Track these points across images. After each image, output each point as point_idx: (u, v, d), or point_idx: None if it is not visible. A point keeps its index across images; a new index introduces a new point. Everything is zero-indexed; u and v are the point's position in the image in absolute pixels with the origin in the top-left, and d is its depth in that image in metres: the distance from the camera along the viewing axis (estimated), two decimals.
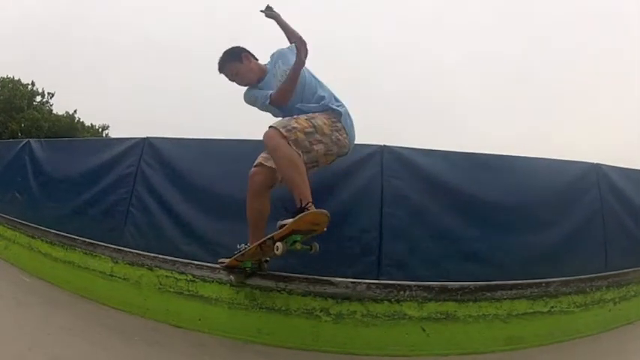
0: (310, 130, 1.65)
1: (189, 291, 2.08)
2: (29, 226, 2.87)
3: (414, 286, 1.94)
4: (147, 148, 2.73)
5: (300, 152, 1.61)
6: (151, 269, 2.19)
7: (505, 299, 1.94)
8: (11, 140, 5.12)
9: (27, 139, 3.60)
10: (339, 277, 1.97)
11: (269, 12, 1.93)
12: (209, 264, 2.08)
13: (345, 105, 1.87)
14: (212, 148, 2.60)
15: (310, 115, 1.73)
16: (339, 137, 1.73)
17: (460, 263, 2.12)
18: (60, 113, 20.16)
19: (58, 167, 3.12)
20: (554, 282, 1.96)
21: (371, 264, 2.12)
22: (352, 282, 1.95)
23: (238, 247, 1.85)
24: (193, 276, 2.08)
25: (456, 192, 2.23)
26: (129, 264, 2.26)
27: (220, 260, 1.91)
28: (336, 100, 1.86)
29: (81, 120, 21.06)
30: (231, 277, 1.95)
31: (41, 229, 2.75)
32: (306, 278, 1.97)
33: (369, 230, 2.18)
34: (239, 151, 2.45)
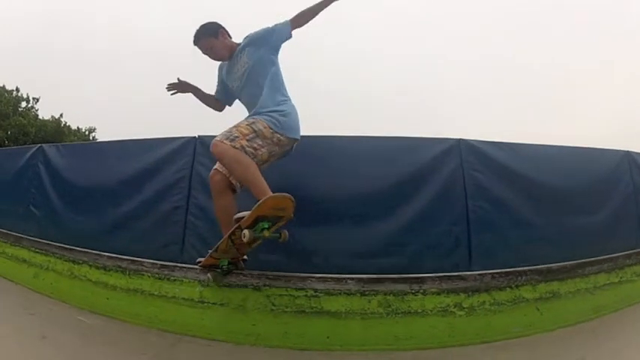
0: (252, 135, 1.70)
1: (311, 308, 1.88)
2: (69, 248, 2.27)
3: (528, 270, 2.10)
4: (200, 148, 2.40)
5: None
6: (258, 289, 1.92)
7: (591, 274, 2.24)
8: (20, 147, 4.46)
9: (39, 145, 2.91)
10: (432, 272, 2.00)
11: None
12: (332, 275, 1.92)
13: (290, 100, 1.91)
14: None
15: (251, 119, 1.76)
16: (281, 137, 1.77)
17: (537, 247, 2.32)
18: (46, 118, 19.91)
19: (84, 175, 2.55)
20: (620, 256, 2.34)
21: (463, 255, 2.21)
22: (479, 274, 2.03)
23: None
24: (315, 290, 1.90)
25: (524, 180, 2.41)
26: (225, 286, 1.94)
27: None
28: (282, 97, 1.88)
29: (67, 124, 20.77)
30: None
31: (88, 252, 2.23)
32: (439, 277, 1.97)
33: (458, 222, 2.27)
34: (325, 147, 2.34)
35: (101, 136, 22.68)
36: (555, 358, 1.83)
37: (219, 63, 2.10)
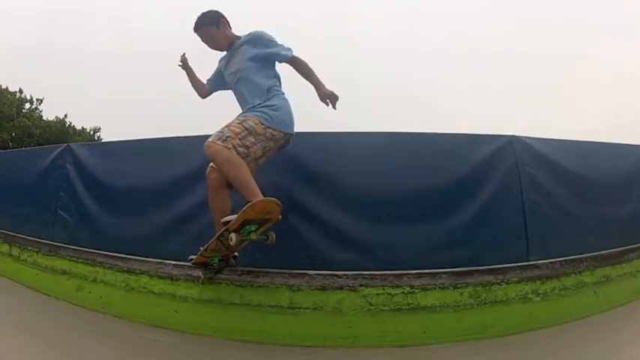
0: (244, 134, 1.71)
1: (408, 304, 1.87)
2: (121, 257, 2.04)
3: (587, 257, 2.27)
4: None
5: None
6: (353, 290, 1.86)
7: (633, 259, 2.47)
8: (42, 147, 4.30)
9: (66, 144, 2.61)
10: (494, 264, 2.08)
11: None
12: (426, 270, 1.93)
13: (283, 94, 1.93)
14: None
15: (242, 117, 1.79)
16: (273, 132, 1.79)
17: (584, 237, 2.48)
18: (50, 119, 19.96)
19: (125, 176, 2.35)
20: None
21: (521, 246, 2.33)
22: (550, 262, 2.15)
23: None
24: (411, 287, 1.89)
25: (571, 174, 2.59)
26: (319, 289, 1.86)
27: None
28: (273, 92, 1.88)
29: (72, 124, 20.84)
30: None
31: (148, 261, 2.01)
32: (519, 266, 2.06)
33: (516, 216, 2.39)
34: (387, 143, 2.36)
35: (106, 136, 22.45)
36: (618, 334, 1.98)
37: (219, 57, 2.08)
